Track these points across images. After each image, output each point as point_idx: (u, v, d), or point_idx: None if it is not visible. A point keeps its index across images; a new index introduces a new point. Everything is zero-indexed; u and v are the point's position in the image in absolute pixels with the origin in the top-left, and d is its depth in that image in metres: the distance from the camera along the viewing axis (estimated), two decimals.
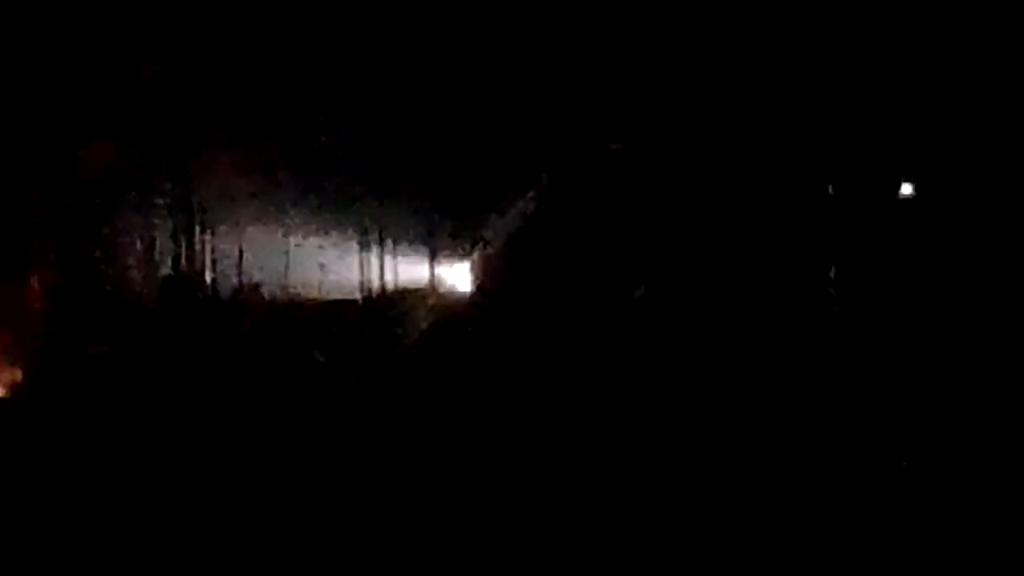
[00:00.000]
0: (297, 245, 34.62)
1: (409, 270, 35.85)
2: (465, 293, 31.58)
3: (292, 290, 33.23)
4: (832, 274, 15.34)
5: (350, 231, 34.87)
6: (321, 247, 35.57)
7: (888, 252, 15.36)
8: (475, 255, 29.50)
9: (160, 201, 27.27)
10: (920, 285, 14.69)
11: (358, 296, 33.36)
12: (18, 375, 11.90)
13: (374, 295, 33.76)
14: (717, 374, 13.72)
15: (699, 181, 17.00)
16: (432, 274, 35.20)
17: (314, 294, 34.38)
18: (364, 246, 34.92)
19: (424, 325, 25.90)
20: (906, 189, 15.91)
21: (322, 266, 36.30)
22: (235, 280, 30.78)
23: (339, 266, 36.24)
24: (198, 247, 28.86)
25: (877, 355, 13.37)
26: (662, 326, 16.80)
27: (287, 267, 34.12)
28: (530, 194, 24.13)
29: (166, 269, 27.44)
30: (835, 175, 15.79)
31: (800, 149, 16.11)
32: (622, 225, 18.43)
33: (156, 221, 27.46)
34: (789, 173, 16.19)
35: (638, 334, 16.82)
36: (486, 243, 28.31)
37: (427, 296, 30.86)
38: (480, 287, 28.47)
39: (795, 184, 16.19)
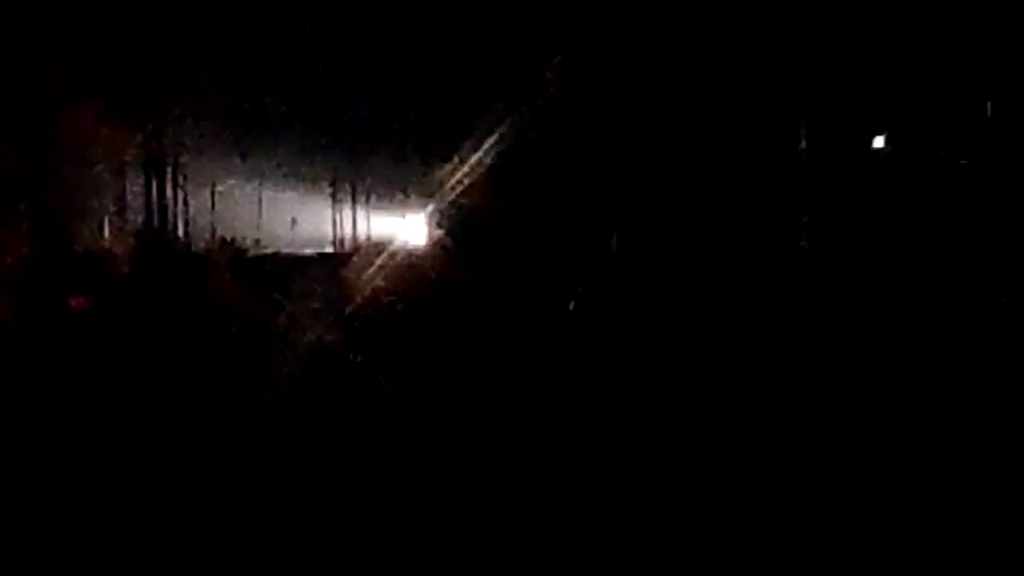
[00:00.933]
0: (270, 198, 34.56)
1: (378, 223, 35.82)
2: (426, 245, 31.75)
3: (264, 243, 33.22)
4: (804, 225, 15.45)
5: (322, 185, 34.81)
6: (294, 201, 35.51)
7: (860, 203, 15.47)
8: (435, 209, 29.57)
9: (134, 155, 27.15)
10: (892, 236, 14.82)
11: (329, 248, 33.36)
12: (5, 326, 12.00)
13: (345, 247, 33.79)
14: (688, 324, 13.81)
15: (673, 136, 17.07)
16: (398, 227, 35.26)
17: (286, 247, 34.38)
18: (336, 200, 34.88)
19: (388, 277, 26.02)
20: (878, 142, 16.00)
21: (294, 220, 36.27)
22: (208, 233, 30.78)
23: (312, 219, 36.18)
24: (171, 201, 28.75)
25: (848, 304, 13.48)
26: (635, 275, 16.93)
27: (259, 220, 34.07)
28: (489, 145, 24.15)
29: (140, 223, 27.39)
30: (807, 129, 15.87)
31: (774, 103, 16.17)
32: (592, 174, 18.54)
33: (130, 176, 27.35)
34: (763, 127, 16.26)
35: (612, 284, 16.95)
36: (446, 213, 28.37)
37: (392, 248, 30.98)
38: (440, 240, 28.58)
39: (768, 138, 16.26)
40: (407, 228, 35.54)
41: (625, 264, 17.36)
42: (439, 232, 32.74)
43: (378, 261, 26.08)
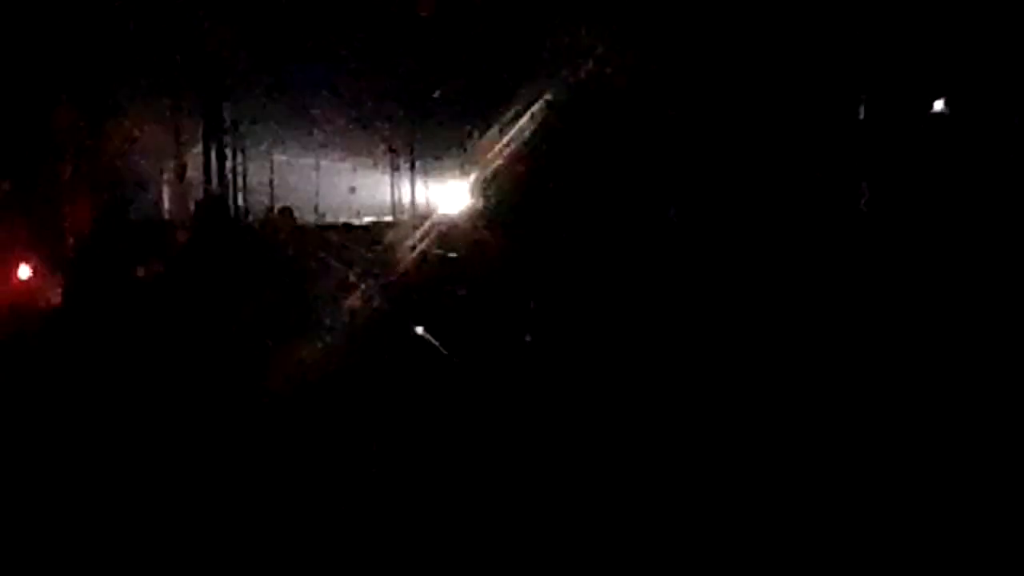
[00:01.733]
0: (328, 167, 34.76)
1: (435, 191, 35.99)
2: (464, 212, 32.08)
3: (322, 211, 33.51)
4: (864, 190, 15.33)
5: (380, 153, 34.93)
6: (352, 169, 35.70)
7: (920, 168, 15.30)
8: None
9: (192, 125, 27.42)
10: (952, 200, 14.66)
11: (388, 217, 33.55)
12: (76, 292, 12.41)
13: (403, 215, 34.05)
14: (748, 292, 13.80)
15: (733, 104, 16.99)
16: (441, 194, 35.51)
17: (343, 216, 34.68)
18: (394, 168, 35.03)
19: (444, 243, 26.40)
20: (938, 105, 15.80)
21: (352, 189, 36.49)
22: (266, 202, 31.05)
23: (370, 188, 36.37)
24: (229, 171, 29.01)
25: (908, 269, 13.38)
26: (695, 242, 16.92)
27: (317, 188, 34.28)
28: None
29: (199, 193, 27.72)
30: (866, 94, 15.72)
31: (831, 69, 16.03)
32: (655, 144, 18.49)
33: (188, 146, 27.64)
34: (820, 93, 16.13)
35: (673, 250, 16.95)
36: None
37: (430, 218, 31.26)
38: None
39: (826, 104, 16.14)
40: (449, 196, 35.86)
41: (682, 231, 17.35)
42: (477, 201, 33.05)
43: (416, 231, 26.85)
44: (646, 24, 19.14)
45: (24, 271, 12.50)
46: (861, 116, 15.68)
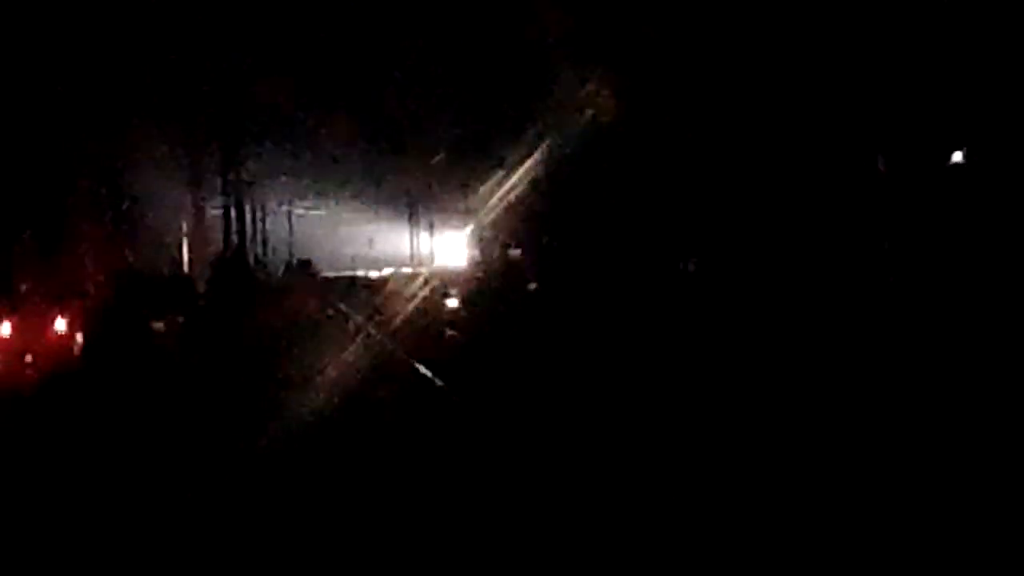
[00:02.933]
0: (347, 220, 35.00)
1: (451, 244, 36.16)
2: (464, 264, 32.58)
3: (342, 263, 33.69)
4: (886, 243, 15.41)
5: (399, 208, 35.17)
6: (370, 223, 35.96)
7: (940, 219, 15.38)
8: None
9: (207, 181, 27.70)
10: (972, 250, 14.72)
11: (408, 270, 33.68)
12: (96, 345, 12.80)
13: (423, 268, 34.16)
14: (769, 341, 13.79)
15: (750, 156, 17.10)
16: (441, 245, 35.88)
17: (362, 268, 34.83)
18: (413, 222, 35.26)
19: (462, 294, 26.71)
20: (956, 156, 15.94)
21: (371, 240, 36.73)
22: (286, 255, 31.27)
23: (389, 240, 36.61)
24: (248, 225, 29.23)
25: (930, 319, 13.40)
26: (714, 295, 16.96)
27: (337, 242, 34.46)
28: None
29: (217, 247, 27.94)
30: (884, 146, 15.85)
31: (849, 121, 16.16)
32: (672, 195, 18.59)
33: (206, 201, 27.90)
34: (839, 146, 16.25)
35: (689, 302, 16.99)
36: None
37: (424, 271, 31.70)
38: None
39: (845, 157, 16.25)
40: (449, 247, 36.24)
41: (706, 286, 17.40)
42: (475, 251, 33.30)
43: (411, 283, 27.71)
44: (660, 72, 19.29)
45: (60, 324, 12.94)
46: (881, 168, 15.80)
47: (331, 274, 30.39)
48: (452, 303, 24.82)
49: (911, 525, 5.55)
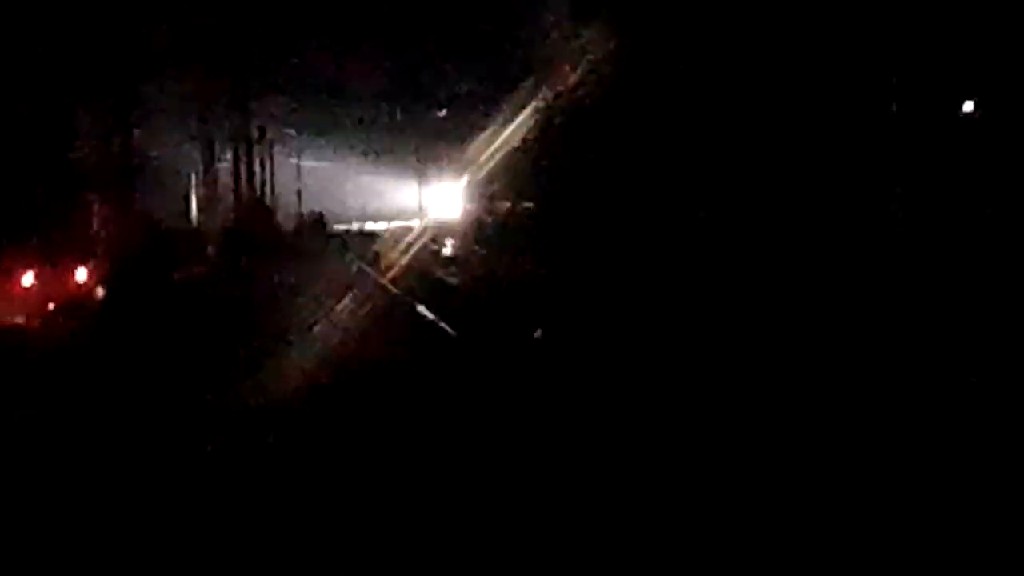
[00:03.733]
0: (354, 174, 35.11)
1: (446, 197, 36.35)
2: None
3: (349, 216, 33.89)
4: (896, 190, 15.43)
5: (407, 161, 35.27)
6: (377, 176, 36.05)
7: (950, 167, 15.40)
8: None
9: (222, 135, 27.79)
10: (983, 198, 14.75)
11: (416, 222, 33.91)
12: (143, 291, 13.28)
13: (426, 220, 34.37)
14: (778, 288, 13.87)
15: (764, 101, 17.10)
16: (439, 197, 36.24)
17: (370, 220, 35.04)
18: (420, 175, 35.35)
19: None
20: (967, 106, 15.92)
21: (380, 194, 36.88)
22: (294, 208, 31.44)
23: (396, 193, 36.74)
24: (257, 178, 29.33)
25: (938, 267, 13.46)
26: (725, 241, 17.01)
27: (345, 195, 34.60)
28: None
29: (226, 202, 28.10)
30: (897, 93, 15.83)
31: (863, 66, 16.12)
32: (683, 138, 18.60)
33: (216, 155, 28.00)
34: (853, 91, 16.23)
35: (703, 250, 17.05)
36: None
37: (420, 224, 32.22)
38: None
39: (859, 101, 16.22)
40: (445, 199, 36.49)
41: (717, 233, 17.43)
42: (469, 204, 33.67)
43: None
44: (666, 17, 19.23)
45: (81, 274, 13.26)
46: (891, 116, 15.79)
47: (340, 227, 30.66)
48: (446, 251, 27.52)
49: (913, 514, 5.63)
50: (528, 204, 27.83)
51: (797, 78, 16.98)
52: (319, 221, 29.11)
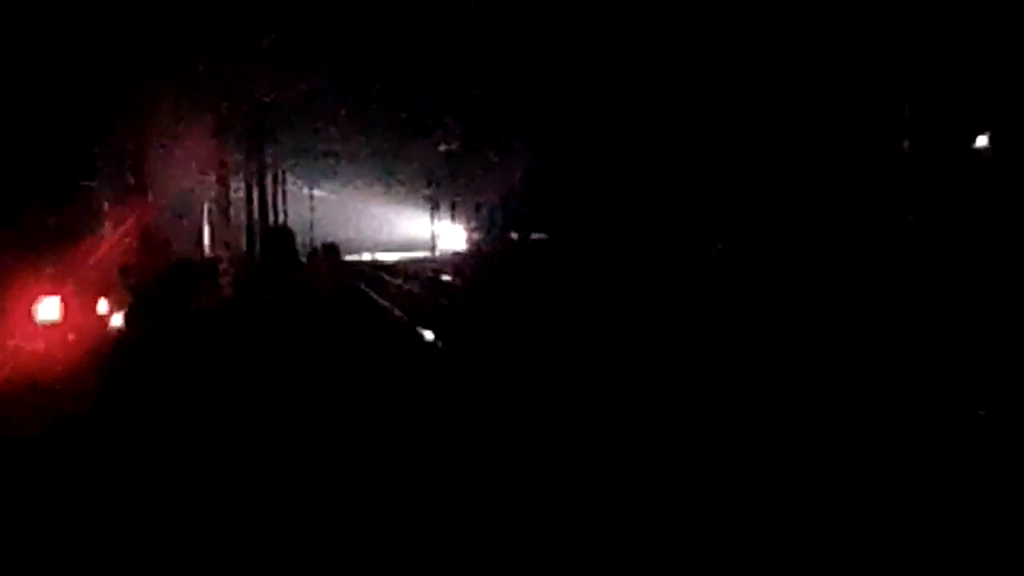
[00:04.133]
0: (365, 205, 35.21)
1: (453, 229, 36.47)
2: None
3: (362, 246, 34.05)
4: (910, 223, 15.50)
5: (420, 200, 35.44)
6: (389, 207, 36.16)
7: (963, 202, 15.47)
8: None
9: (233, 168, 27.85)
10: (997, 233, 14.81)
11: (425, 254, 34.02)
12: (162, 322, 13.27)
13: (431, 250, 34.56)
14: (790, 320, 13.93)
15: (776, 135, 17.20)
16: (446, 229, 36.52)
17: (381, 251, 35.19)
18: (433, 208, 35.50)
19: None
20: (981, 140, 16.02)
21: (393, 224, 36.99)
22: (307, 238, 31.57)
23: (408, 225, 36.85)
24: (270, 208, 29.41)
25: (953, 300, 13.51)
26: (736, 275, 17.10)
27: (357, 226, 34.75)
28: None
29: (240, 232, 28.15)
30: (909, 128, 15.92)
31: (875, 104, 16.24)
32: (698, 179, 18.69)
33: (229, 186, 28.07)
34: (863, 128, 16.33)
35: (712, 283, 17.14)
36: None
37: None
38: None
39: (869, 138, 16.33)
40: (451, 231, 36.96)
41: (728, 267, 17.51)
42: (475, 235, 34.18)
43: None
44: (680, 51, 19.32)
45: (103, 305, 13.29)
46: (906, 151, 15.88)
47: (352, 258, 30.84)
48: (445, 277, 29.76)
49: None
50: (539, 234, 27.93)
51: (812, 109, 17.08)
52: (332, 251, 29.28)
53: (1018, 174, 15.42)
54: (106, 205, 21.20)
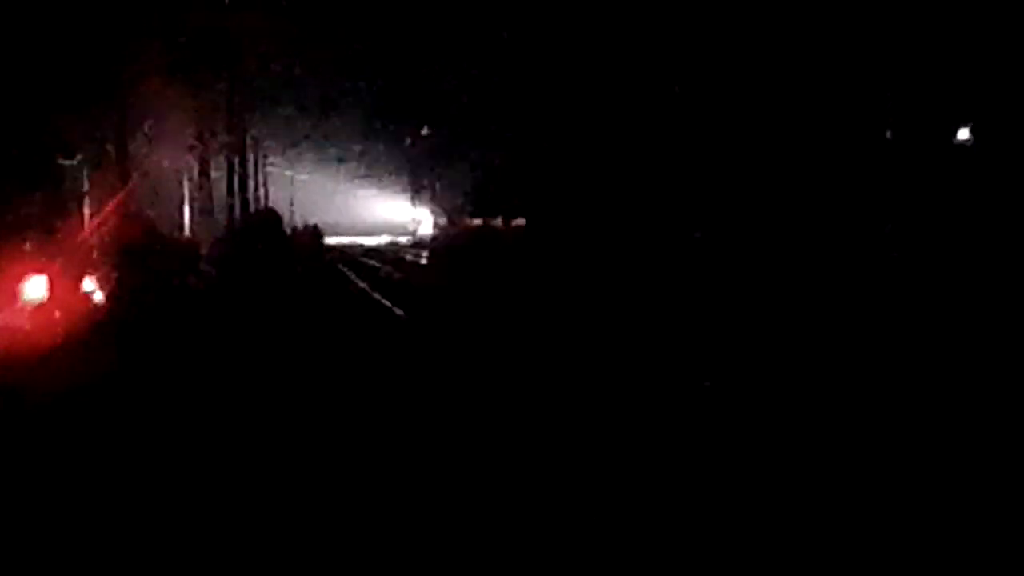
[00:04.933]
0: (346, 187, 35.22)
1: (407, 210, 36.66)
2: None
3: (341, 229, 34.05)
4: (889, 217, 15.62)
5: (400, 176, 35.46)
6: (369, 190, 36.17)
7: (945, 195, 15.59)
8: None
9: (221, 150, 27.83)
10: (977, 227, 14.92)
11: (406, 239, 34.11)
12: (146, 299, 13.46)
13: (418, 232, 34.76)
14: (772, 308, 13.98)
15: (759, 129, 17.30)
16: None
17: (361, 234, 35.26)
18: (416, 198, 35.59)
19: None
20: (962, 134, 16.15)
21: (372, 208, 37.03)
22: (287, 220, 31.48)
23: (390, 209, 36.89)
24: (255, 191, 29.33)
25: (932, 294, 13.60)
26: (719, 266, 17.16)
27: (337, 208, 34.73)
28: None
29: (222, 213, 28.10)
30: (893, 120, 16.05)
31: (858, 95, 16.34)
32: (682, 167, 18.79)
33: (207, 165, 28.02)
34: (848, 119, 16.43)
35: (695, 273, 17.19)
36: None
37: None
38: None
39: (851, 128, 16.43)
40: (423, 215, 37.47)
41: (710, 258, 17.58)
42: (441, 219, 34.60)
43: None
44: (663, 40, 19.35)
45: (88, 284, 13.43)
46: (887, 142, 16.01)
47: (333, 240, 30.89)
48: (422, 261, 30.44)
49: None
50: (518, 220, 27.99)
51: (794, 102, 17.18)
52: (314, 233, 29.21)
53: (1000, 166, 15.56)
54: (87, 184, 21.16)
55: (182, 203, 30.05)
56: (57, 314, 12.17)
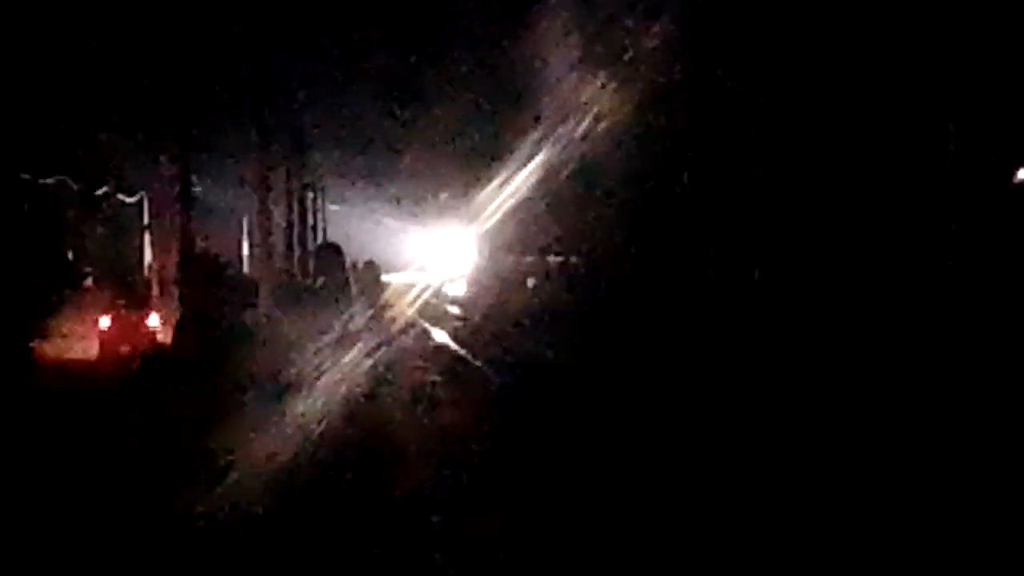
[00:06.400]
0: (402, 226, 35.50)
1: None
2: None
3: (393, 267, 34.44)
4: (951, 257, 15.46)
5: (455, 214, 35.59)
6: (422, 228, 36.38)
7: (1005, 236, 15.41)
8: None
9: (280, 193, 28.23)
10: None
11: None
12: (189, 337, 13.81)
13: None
14: (835, 357, 13.90)
15: (818, 171, 17.10)
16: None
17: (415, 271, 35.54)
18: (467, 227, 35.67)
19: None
20: (1022, 174, 15.99)
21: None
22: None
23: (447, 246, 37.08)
24: (310, 227, 29.70)
25: (996, 336, 13.44)
26: (778, 311, 17.01)
27: (391, 246, 35.06)
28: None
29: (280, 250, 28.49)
30: (951, 161, 15.89)
31: (917, 137, 16.19)
32: (739, 212, 18.60)
33: (268, 205, 28.41)
34: (907, 160, 16.27)
35: (753, 319, 17.06)
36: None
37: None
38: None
39: (913, 170, 16.26)
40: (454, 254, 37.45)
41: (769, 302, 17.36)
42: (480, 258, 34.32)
43: None
44: (689, 65, 19.07)
45: (154, 319, 13.79)
46: (944, 182, 15.85)
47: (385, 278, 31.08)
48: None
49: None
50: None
51: (840, 131, 16.97)
52: (371, 269, 29.33)
53: None
54: (148, 220, 21.63)
55: (240, 238, 30.48)
56: (123, 348, 12.53)
